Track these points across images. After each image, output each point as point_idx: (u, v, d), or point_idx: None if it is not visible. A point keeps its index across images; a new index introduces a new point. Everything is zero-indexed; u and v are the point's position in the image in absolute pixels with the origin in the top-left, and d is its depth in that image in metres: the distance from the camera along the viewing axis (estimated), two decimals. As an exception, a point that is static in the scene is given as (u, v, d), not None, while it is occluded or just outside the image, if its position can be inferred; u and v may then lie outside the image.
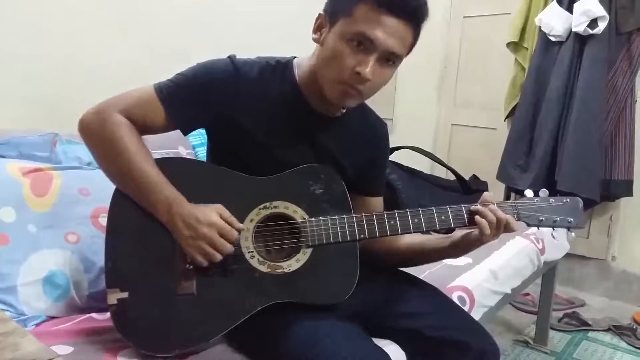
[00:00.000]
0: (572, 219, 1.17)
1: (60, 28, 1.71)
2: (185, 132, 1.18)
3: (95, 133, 1.09)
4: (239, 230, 1.07)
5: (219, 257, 1.03)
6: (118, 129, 1.07)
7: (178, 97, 1.10)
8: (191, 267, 1.06)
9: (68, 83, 1.73)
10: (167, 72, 1.16)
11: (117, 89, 1.14)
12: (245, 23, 2.26)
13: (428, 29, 1.11)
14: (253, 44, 1.51)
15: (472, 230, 1.15)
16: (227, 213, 1.06)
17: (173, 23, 2.03)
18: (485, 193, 1.17)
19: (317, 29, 1.11)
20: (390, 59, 1.06)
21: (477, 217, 1.12)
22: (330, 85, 1.07)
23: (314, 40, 1.12)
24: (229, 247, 1.04)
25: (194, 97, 1.11)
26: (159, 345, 1.04)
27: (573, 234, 1.20)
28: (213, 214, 1.04)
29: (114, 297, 1.04)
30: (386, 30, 1.01)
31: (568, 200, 1.19)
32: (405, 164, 2.30)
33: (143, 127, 1.11)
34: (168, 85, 1.11)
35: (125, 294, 1.05)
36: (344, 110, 1.21)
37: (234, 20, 2.23)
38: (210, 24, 2.15)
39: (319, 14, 1.11)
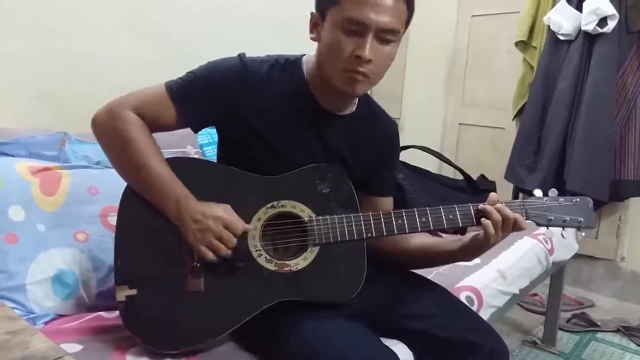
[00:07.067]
0: (582, 219, 1.16)
1: (70, 26, 1.72)
2: (196, 130, 1.19)
3: (107, 130, 1.10)
4: (246, 231, 1.07)
5: (224, 249, 1.03)
6: (129, 126, 1.08)
7: (188, 95, 1.11)
8: (199, 264, 1.06)
9: (77, 82, 1.74)
10: (177, 70, 1.16)
11: (127, 88, 1.14)
12: (255, 22, 2.26)
13: (436, 27, 1.12)
14: (263, 43, 1.51)
15: (481, 231, 1.14)
16: (233, 213, 1.06)
17: (183, 22, 2.03)
18: (491, 194, 1.17)
19: (313, 27, 1.13)
20: (388, 36, 1.05)
21: (482, 218, 1.11)
22: (336, 76, 1.07)
23: (312, 39, 1.13)
24: (234, 241, 1.04)
25: (204, 95, 1.12)
26: (166, 342, 1.04)
27: (583, 233, 1.19)
28: (219, 209, 1.05)
29: (122, 294, 1.05)
30: (375, 9, 1.01)
31: (578, 200, 1.18)
32: (412, 164, 2.29)
33: (154, 125, 1.12)
34: (179, 83, 1.12)
35: (133, 291, 1.05)
36: (354, 109, 1.21)
37: (244, 19, 2.23)
38: (220, 23, 2.16)
39: (312, 14, 1.12)
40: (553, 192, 1.17)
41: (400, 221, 1.12)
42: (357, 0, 1.01)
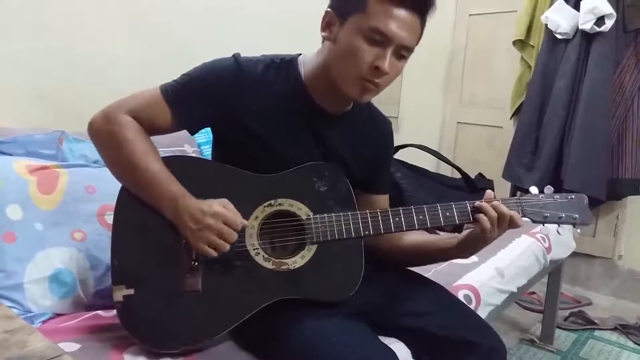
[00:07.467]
0: (577, 216, 1.17)
1: (70, 26, 1.71)
2: (192, 132, 1.19)
3: (103, 133, 1.10)
4: (245, 226, 1.07)
5: (226, 246, 1.03)
6: (125, 129, 1.08)
7: (183, 97, 1.11)
8: (196, 263, 1.06)
9: (75, 81, 1.73)
10: (177, 70, 1.16)
11: (125, 88, 1.14)
12: (255, 22, 2.26)
13: (434, 26, 1.12)
14: (263, 43, 1.51)
15: (477, 227, 1.15)
16: (231, 207, 1.06)
17: (183, 22, 2.03)
18: (487, 191, 1.17)
19: (327, 26, 1.11)
20: (404, 52, 1.07)
21: (477, 214, 1.12)
22: (348, 82, 1.07)
23: (325, 38, 1.12)
24: (235, 236, 1.04)
25: (199, 96, 1.12)
26: (164, 342, 1.04)
27: (579, 230, 1.20)
28: (216, 204, 1.04)
29: (119, 294, 1.05)
30: (400, 24, 1.02)
31: (573, 197, 1.18)
32: (410, 162, 2.30)
33: (150, 128, 1.12)
34: (173, 85, 1.12)
35: (131, 291, 1.05)
36: (349, 108, 1.21)
37: (244, 19, 2.23)
38: (220, 23, 2.15)
39: (326, 11, 1.11)
40: (549, 189, 1.18)
41: (397, 219, 1.13)
42: (386, 12, 1.02)
